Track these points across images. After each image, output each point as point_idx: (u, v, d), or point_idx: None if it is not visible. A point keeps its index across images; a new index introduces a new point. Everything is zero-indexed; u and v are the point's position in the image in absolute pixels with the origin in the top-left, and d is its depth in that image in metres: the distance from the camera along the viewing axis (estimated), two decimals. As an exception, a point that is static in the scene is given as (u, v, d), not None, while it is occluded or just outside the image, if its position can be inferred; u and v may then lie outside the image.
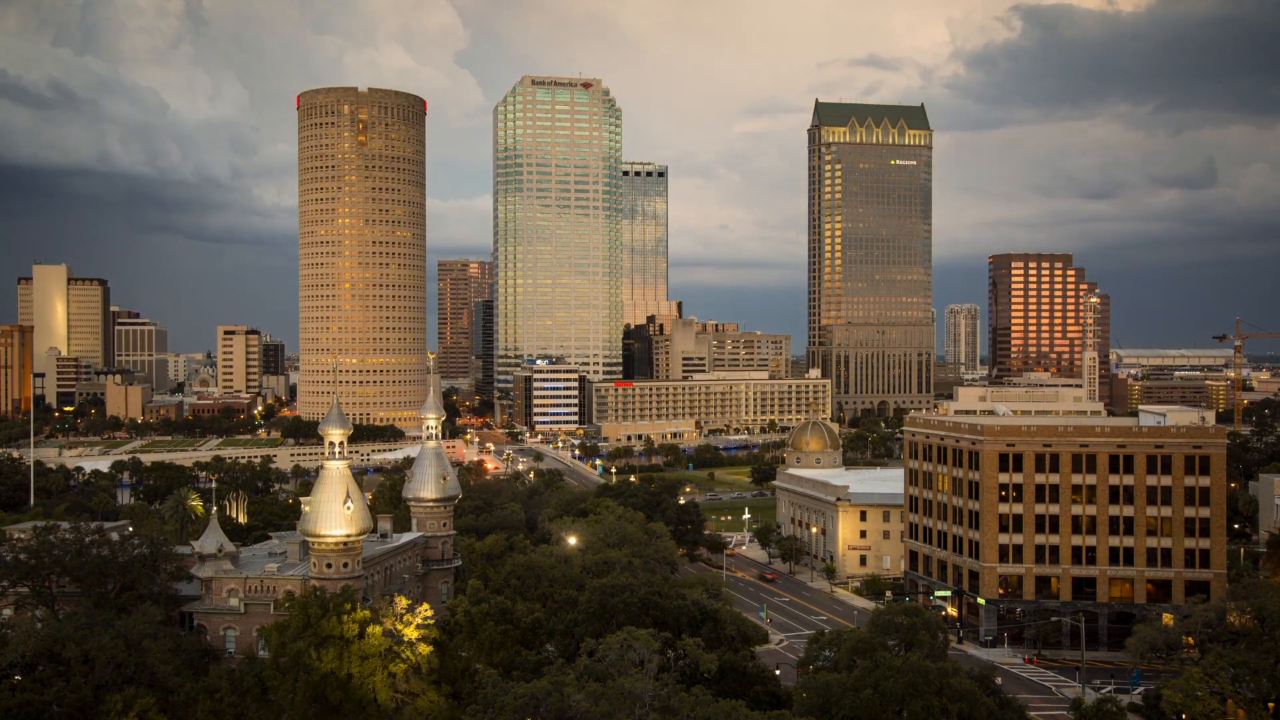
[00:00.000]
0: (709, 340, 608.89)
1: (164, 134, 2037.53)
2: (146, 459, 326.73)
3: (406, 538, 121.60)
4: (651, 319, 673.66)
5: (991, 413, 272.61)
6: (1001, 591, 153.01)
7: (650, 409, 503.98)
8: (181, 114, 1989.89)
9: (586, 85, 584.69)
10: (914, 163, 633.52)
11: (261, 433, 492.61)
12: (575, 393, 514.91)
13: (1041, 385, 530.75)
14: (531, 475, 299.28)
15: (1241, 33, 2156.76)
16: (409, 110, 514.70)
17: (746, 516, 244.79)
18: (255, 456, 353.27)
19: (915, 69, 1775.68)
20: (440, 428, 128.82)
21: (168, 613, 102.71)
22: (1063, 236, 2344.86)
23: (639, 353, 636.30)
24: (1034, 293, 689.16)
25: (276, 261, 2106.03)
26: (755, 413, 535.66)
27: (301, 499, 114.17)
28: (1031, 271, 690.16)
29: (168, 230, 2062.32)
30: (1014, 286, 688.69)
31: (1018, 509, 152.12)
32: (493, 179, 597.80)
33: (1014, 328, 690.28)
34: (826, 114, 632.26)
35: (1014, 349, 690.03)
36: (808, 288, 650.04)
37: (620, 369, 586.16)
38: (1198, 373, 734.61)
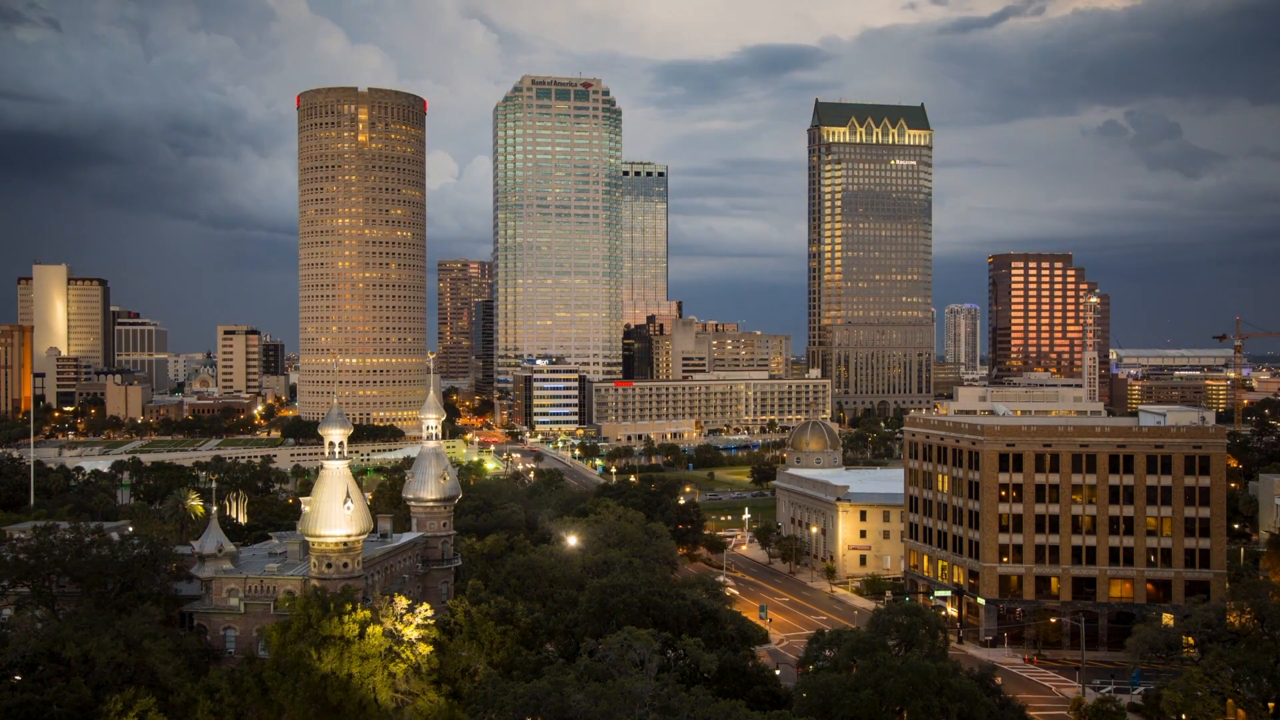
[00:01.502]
0: (709, 340, 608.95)
1: (173, 127, 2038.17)
2: (146, 459, 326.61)
3: (406, 538, 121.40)
4: (651, 319, 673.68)
5: (992, 413, 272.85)
6: (1001, 591, 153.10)
7: (650, 409, 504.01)
8: (190, 106, 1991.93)
9: (586, 85, 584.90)
10: (914, 162, 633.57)
11: (261, 433, 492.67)
12: (575, 393, 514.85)
13: (1041, 385, 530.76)
14: (531, 475, 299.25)
15: (1258, 25, 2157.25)
16: (409, 110, 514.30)
17: (746, 516, 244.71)
18: (255, 456, 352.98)
19: (915, 66, 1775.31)
20: (440, 428, 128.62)
21: (168, 613, 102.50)
22: (1063, 236, 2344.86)
23: (639, 353, 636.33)
24: (1034, 293, 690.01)
25: (277, 259, 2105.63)
26: (755, 413, 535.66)
27: (301, 499, 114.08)
28: (1031, 271, 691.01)
29: (167, 224, 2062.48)
30: (1014, 286, 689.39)
31: (1018, 509, 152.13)
32: (493, 178, 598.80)
33: (1014, 328, 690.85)
34: (826, 114, 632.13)
35: (1014, 349, 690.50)
36: (808, 288, 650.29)
37: (620, 369, 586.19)
38: (1198, 373, 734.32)
